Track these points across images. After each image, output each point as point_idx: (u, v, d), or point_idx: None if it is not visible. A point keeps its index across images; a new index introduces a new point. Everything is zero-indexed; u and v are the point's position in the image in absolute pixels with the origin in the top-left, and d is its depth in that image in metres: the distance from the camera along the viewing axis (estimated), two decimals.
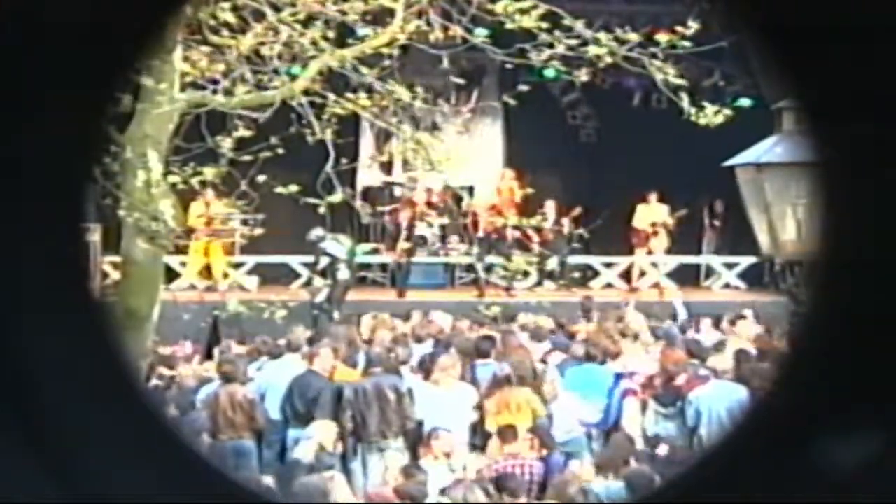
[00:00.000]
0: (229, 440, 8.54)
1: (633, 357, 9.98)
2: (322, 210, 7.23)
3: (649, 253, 16.09)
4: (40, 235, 1.17)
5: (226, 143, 7.04)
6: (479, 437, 8.73)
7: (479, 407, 8.90)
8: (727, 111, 7.73)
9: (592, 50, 7.02)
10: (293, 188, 7.05)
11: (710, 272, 17.21)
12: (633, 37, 7.18)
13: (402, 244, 15.41)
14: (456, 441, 8.45)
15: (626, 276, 16.39)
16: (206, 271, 14.85)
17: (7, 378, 1.14)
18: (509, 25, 6.96)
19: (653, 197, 15.98)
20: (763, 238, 7.14)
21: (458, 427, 8.68)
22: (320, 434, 8.15)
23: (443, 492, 6.87)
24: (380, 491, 7.28)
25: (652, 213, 15.97)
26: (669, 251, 16.26)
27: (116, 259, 7.44)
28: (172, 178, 6.83)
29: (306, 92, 6.96)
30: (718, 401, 8.45)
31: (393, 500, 6.93)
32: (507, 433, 7.98)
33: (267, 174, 7.12)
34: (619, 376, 9.60)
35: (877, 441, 1.09)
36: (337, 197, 7.05)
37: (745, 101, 14.70)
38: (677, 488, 1.26)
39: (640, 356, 9.95)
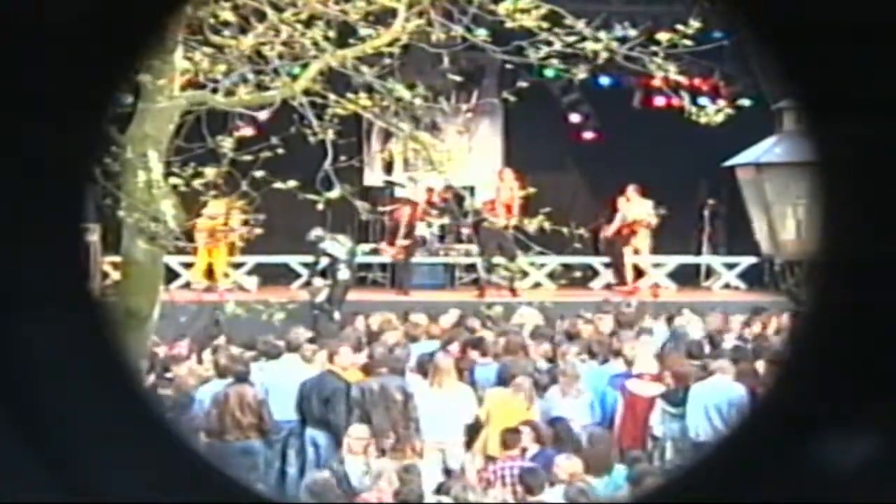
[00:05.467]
0: (236, 440, 8.55)
1: (642, 358, 9.96)
2: (320, 207, 7.22)
3: (635, 252, 15.99)
4: (40, 235, 1.17)
5: (226, 144, 7.04)
6: (474, 437, 8.74)
7: (478, 406, 8.91)
8: (728, 110, 7.72)
9: (591, 46, 7.02)
10: (292, 183, 7.05)
11: (710, 272, 17.19)
12: (634, 33, 7.18)
13: (401, 242, 15.45)
14: (451, 441, 8.48)
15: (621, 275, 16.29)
16: (208, 272, 14.87)
17: (7, 378, 1.14)
18: (510, 24, 6.96)
19: (633, 192, 15.79)
20: (763, 238, 7.14)
21: (454, 428, 8.70)
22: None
23: (438, 491, 6.88)
24: (379, 491, 7.28)
25: (633, 211, 15.80)
26: (655, 249, 16.17)
27: (116, 259, 7.44)
28: (173, 180, 6.83)
29: (307, 92, 6.96)
30: (714, 397, 8.46)
31: (392, 501, 6.94)
32: (510, 438, 7.97)
33: (268, 174, 7.12)
34: (615, 376, 9.62)
35: (876, 441, 1.09)
36: (335, 193, 7.05)
37: (745, 101, 14.69)
38: (677, 488, 1.26)
39: (644, 356, 9.94)
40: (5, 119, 1.11)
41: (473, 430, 8.84)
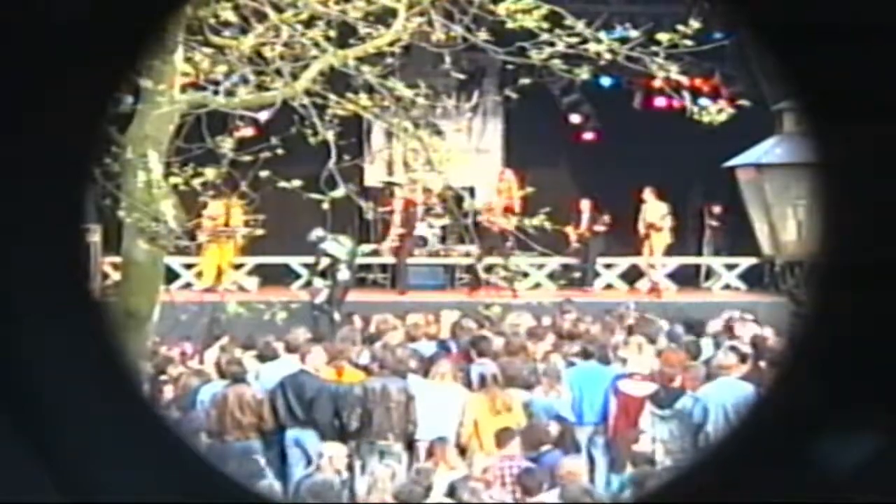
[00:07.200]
0: (236, 440, 8.55)
1: (634, 358, 9.96)
2: (324, 206, 7.21)
3: (650, 253, 16.07)
4: (40, 235, 1.17)
5: (226, 144, 7.03)
6: (464, 437, 8.72)
7: (468, 407, 8.89)
8: (729, 109, 7.71)
9: (593, 47, 7.01)
10: (296, 182, 7.05)
11: (710, 273, 17.19)
12: (635, 34, 7.17)
13: (394, 239, 15.52)
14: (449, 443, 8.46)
15: (629, 276, 16.37)
16: (218, 273, 14.89)
17: (7, 379, 1.14)
18: (510, 25, 6.95)
19: (649, 195, 15.89)
20: (763, 239, 7.15)
21: (446, 428, 8.68)
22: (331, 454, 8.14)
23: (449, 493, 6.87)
24: (378, 493, 7.28)
25: (649, 213, 15.92)
26: (670, 251, 16.23)
27: (117, 260, 7.44)
28: (173, 180, 6.82)
29: (307, 92, 6.95)
30: (725, 398, 8.43)
31: (392, 502, 6.94)
32: (503, 436, 7.97)
33: (269, 175, 7.11)
34: (618, 376, 9.61)
35: (876, 441, 1.09)
36: (340, 192, 7.04)
37: (745, 102, 14.69)
38: (677, 488, 1.26)
39: (640, 357, 9.92)
40: (5, 119, 1.11)
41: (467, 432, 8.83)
